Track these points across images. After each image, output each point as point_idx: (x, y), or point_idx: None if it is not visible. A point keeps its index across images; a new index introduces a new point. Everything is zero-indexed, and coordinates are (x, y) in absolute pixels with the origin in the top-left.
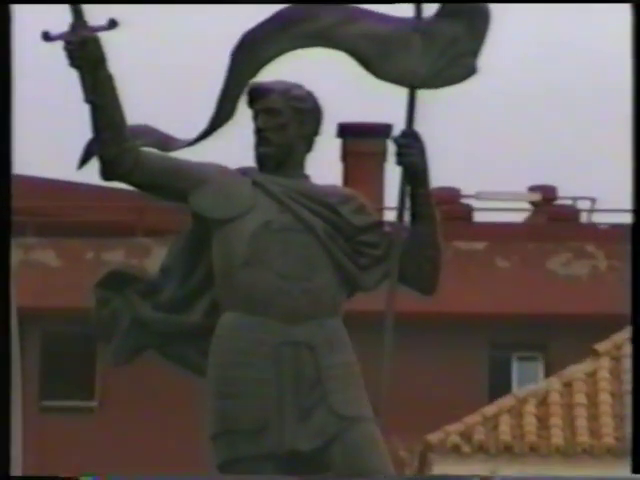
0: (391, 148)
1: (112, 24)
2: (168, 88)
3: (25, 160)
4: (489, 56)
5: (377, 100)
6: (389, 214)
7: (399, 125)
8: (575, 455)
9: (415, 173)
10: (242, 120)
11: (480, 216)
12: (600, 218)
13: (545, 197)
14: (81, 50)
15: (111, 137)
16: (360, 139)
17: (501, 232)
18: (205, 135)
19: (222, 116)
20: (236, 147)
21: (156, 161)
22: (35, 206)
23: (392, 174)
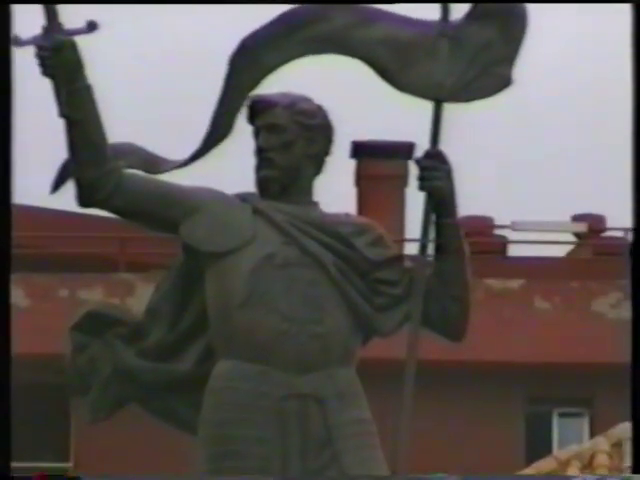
0: (413, 171)
1: (91, 27)
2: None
3: None
4: (525, 65)
5: (397, 116)
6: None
7: (422, 144)
8: None
9: (441, 200)
10: (241, 138)
11: (516, 250)
12: None
13: (591, 228)
14: (55, 56)
15: (89, 157)
16: (377, 160)
17: (540, 268)
18: (198, 155)
19: (218, 133)
20: (234, 169)
21: (141, 185)
22: None
23: (414, 201)
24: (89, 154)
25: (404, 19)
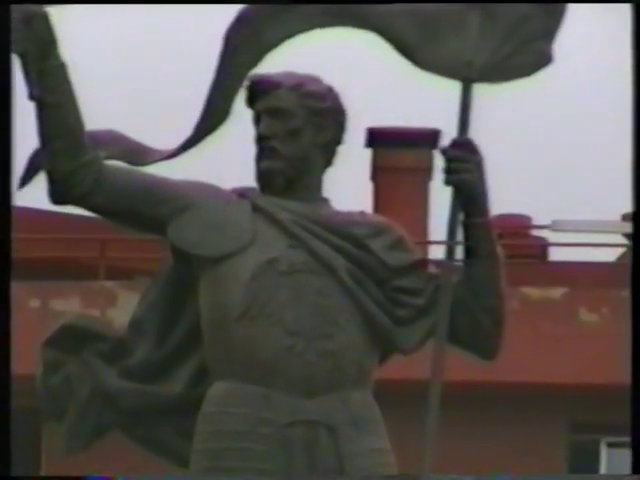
0: (438, 162)
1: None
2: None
3: None
4: (565, 39)
5: (419, 99)
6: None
7: (449, 132)
8: None
9: (470, 195)
10: (239, 125)
11: (557, 253)
12: None
13: None
14: (25, 30)
15: (64, 147)
16: (397, 150)
17: (585, 275)
18: (190, 144)
19: (213, 119)
20: (231, 161)
21: (124, 179)
22: None
23: (440, 197)
24: (63, 143)
25: None
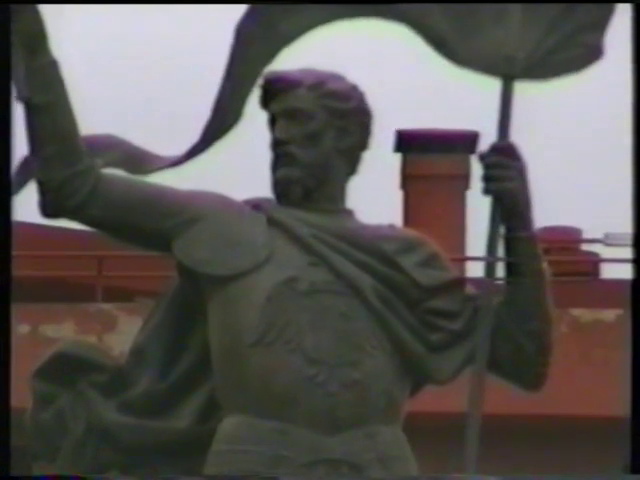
0: (476, 169)
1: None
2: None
3: None
4: (618, 30)
5: (455, 99)
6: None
7: (488, 135)
8: None
9: (512, 206)
10: (253, 128)
11: (611, 270)
12: None
13: None
14: (13, 23)
15: (57, 153)
16: (429, 155)
17: None
18: (198, 150)
19: (223, 122)
20: (244, 168)
21: (124, 189)
22: None
23: (478, 208)
24: (56, 149)
25: None
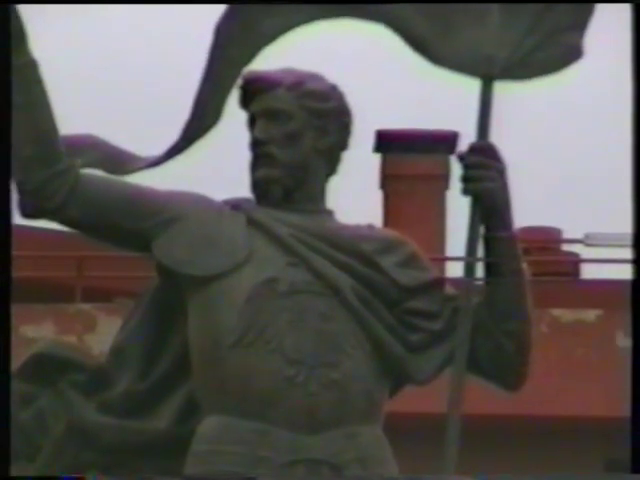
0: (456, 169)
1: None
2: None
3: None
4: (596, 34)
5: (434, 99)
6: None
7: (467, 135)
8: None
9: (492, 206)
10: (232, 128)
11: (591, 271)
12: None
13: None
14: None
15: (36, 154)
16: (409, 156)
17: (623, 295)
18: (177, 150)
19: (202, 122)
20: (223, 168)
21: (103, 190)
22: None
23: (457, 208)
24: (35, 149)
25: None
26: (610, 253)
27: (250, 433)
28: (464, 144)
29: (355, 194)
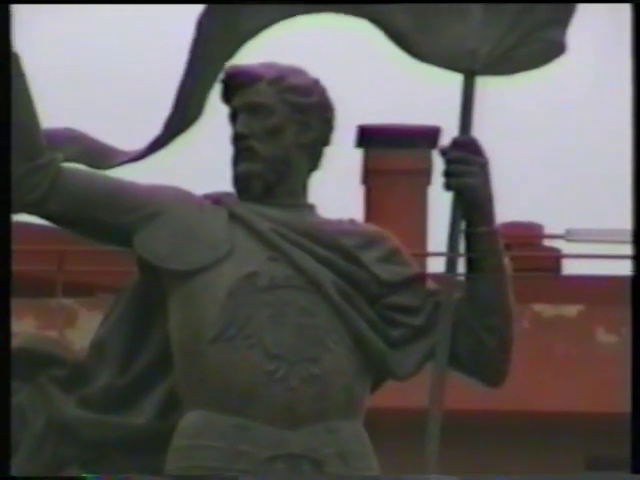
0: (438, 164)
1: None
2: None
3: None
4: (578, 28)
5: (416, 93)
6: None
7: (450, 130)
8: None
9: (474, 202)
10: (214, 122)
11: (572, 266)
12: None
13: None
14: None
15: (17, 147)
16: (391, 150)
17: (603, 290)
18: (159, 144)
19: (184, 117)
20: (205, 163)
21: (84, 184)
22: None
23: (439, 203)
24: (15, 142)
25: None
26: (591, 249)
27: (230, 428)
28: (446, 139)
29: (337, 189)
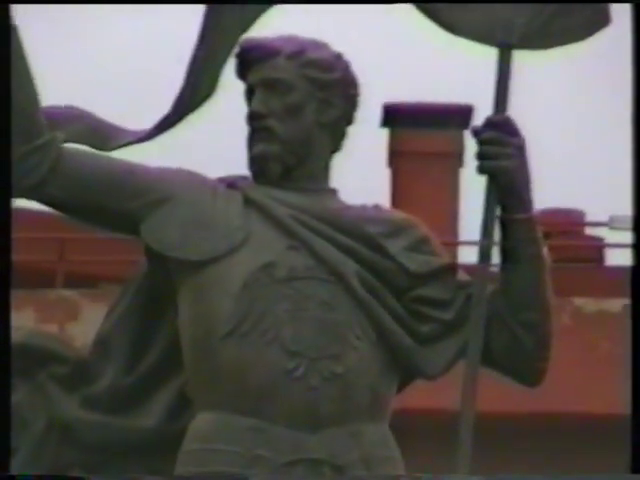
0: (471, 145)
1: None
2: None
3: None
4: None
5: (448, 69)
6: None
7: (484, 109)
8: None
9: (509, 186)
10: (228, 100)
11: (617, 256)
12: None
13: None
14: None
15: (14, 127)
16: (419, 131)
17: None
18: (169, 124)
19: (196, 94)
20: (218, 144)
21: (87, 166)
22: None
23: (472, 187)
24: (14, 122)
25: None
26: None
27: (246, 431)
28: (480, 118)
29: (361, 172)
